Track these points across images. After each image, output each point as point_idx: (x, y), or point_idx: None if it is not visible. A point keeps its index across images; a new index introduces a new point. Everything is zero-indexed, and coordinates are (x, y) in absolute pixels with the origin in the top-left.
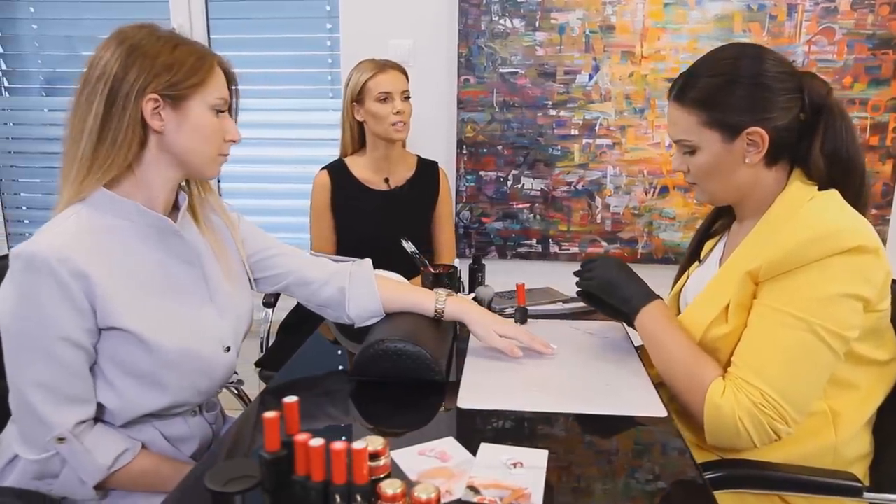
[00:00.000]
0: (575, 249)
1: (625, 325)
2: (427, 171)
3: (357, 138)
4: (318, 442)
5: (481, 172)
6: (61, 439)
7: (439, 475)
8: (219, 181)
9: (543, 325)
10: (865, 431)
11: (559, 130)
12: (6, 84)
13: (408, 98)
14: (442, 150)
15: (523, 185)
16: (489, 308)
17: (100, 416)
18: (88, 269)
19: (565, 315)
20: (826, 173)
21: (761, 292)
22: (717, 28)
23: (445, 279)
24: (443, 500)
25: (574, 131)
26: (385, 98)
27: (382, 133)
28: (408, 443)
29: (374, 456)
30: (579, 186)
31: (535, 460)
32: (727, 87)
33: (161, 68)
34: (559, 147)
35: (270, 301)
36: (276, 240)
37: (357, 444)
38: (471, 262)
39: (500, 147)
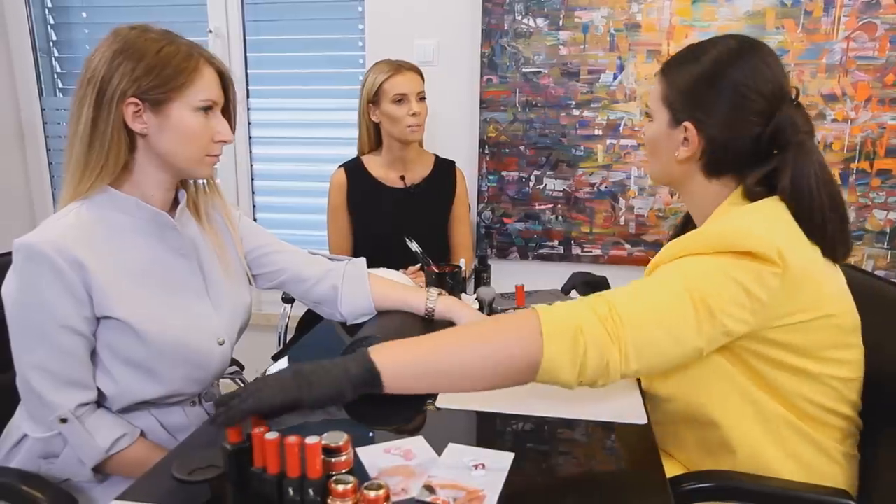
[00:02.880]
0: (598, 252)
1: None
2: (444, 170)
3: (373, 138)
4: (273, 435)
5: (503, 173)
6: (63, 420)
7: (399, 473)
8: (252, 179)
9: None
10: (822, 432)
11: (582, 131)
12: (60, 85)
13: (423, 99)
14: (464, 150)
15: (545, 185)
16: (490, 308)
17: (99, 401)
18: (85, 260)
19: None
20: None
21: None
22: (748, 25)
23: (448, 279)
24: (397, 499)
25: (598, 131)
26: (401, 100)
27: (398, 134)
28: (380, 440)
29: (336, 451)
30: (602, 188)
31: (499, 462)
32: (700, 81)
33: (142, 72)
34: (582, 147)
35: (289, 297)
36: (275, 237)
37: (310, 439)
38: (476, 262)
39: (522, 147)
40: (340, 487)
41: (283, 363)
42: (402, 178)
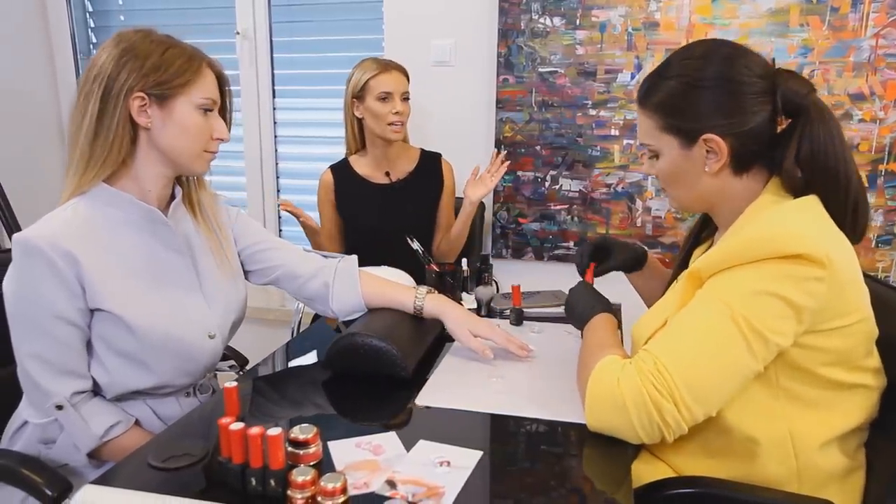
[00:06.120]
0: None
1: (620, 330)
2: (429, 163)
3: (359, 136)
4: (237, 426)
5: (519, 173)
6: (59, 407)
7: (364, 468)
8: (277, 177)
9: (537, 328)
10: (834, 449)
11: (599, 131)
12: None
13: (407, 99)
14: (480, 150)
15: (561, 186)
16: (488, 307)
17: (94, 389)
18: (78, 254)
19: (564, 318)
20: (804, 183)
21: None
22: (770, 23)
23: (448, 277)
24: (358, 492)
25: (614, 132)
26: (385, 98)
27: (379, 132)
28: (354, 434)
29: (304, 444)
30: (619, 188)
31: (465, 460)
32: (687, 92)
33: (150, 69)
34: (598, 148)
35: None
36: (270, 234)
37: (272, 431)
38: (478, 261)
39: (538, 147)
40: (300, 478)
41: (311, 358)
42: (388, 174)
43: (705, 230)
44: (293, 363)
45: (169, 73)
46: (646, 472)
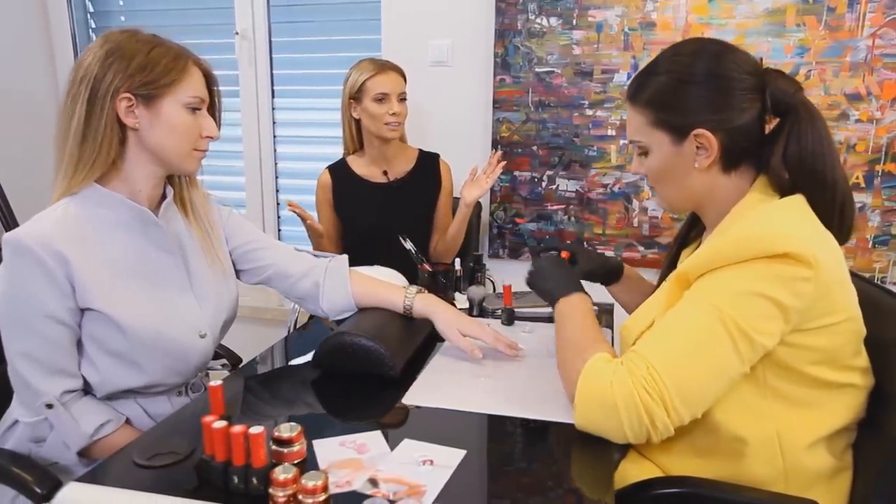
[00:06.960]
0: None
1: (611, 330)
2: (427, 163)
3: (356, 136)
4: (220, 424)
5: (516, 172)
6: (49, 405)
7: (347, 466)
8: (276, 177)
9: (528, 327)
10: (821, 449)
11: (595, 131)
12: None
13: (404, 100)
14: (477, 150)
15: (558, 186)
16: (480, 307)
17: (85, 388)
18: (68, 254)
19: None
20: (790, 183)
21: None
22: (767, 23)
23: (441, 277)
24: (340, 491)
25: (611, 132)
26: (382, 98)
27: (376, 131)
28: (339, 433)
29: (288, 442)
30: (616, 188)
31: (448, 459)
32: (677, 87)
33: (135, 69)
34: (595, 148)
35: None
36: (262, 234)
37: (255, 429)
38: (472, 261)
39: (535, 147)
40: (282, 476)
41: (302, 357)
42: (385, 173)
43: (693, 230)
44: (284, 362)
45: (155, 72)
46: (633, 471)
